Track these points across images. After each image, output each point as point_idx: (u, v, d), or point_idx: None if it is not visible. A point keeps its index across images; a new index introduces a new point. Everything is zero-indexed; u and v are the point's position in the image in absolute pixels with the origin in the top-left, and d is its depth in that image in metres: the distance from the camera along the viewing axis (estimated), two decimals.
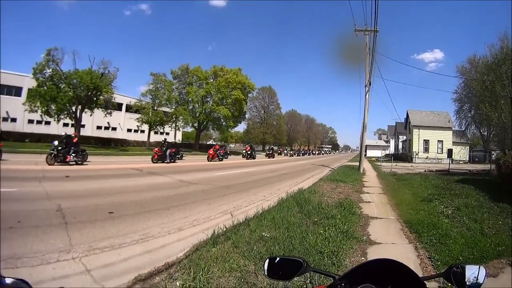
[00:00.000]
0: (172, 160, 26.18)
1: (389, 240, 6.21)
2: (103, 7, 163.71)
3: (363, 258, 5.11)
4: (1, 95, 47.83)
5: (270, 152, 51.06)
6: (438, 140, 50.98)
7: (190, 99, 54.98)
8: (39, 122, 47.48)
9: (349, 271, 1.44)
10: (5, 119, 44.99)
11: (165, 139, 29.41)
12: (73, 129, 40.89)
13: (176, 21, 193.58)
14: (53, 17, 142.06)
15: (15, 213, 6.92)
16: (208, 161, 30.30)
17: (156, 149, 26.04)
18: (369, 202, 10.70)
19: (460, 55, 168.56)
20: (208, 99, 56.67)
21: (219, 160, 31.71)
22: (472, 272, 1.42)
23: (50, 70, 37.41)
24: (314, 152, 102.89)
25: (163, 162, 25.08)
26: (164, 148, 25.91)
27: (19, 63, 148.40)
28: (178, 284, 3.88)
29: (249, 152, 40.44)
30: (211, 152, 31.62)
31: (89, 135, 47.15)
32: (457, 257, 5.02)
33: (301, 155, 78.74)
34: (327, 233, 5.85)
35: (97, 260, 4.75)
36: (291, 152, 73.33)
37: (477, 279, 1.41)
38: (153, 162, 24.44)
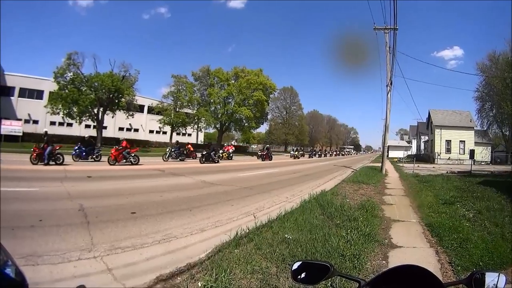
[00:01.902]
0: (58, 162, 18.67)
1: (410, 244, 6.10)
2: (121, 13, 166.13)
3: (384, 261, 5.03)
4: (24, 98, 49.26)
5: (265, 153, 39.47)
6: (460, 141, 49.73)
7: (211, 100, 55.33)
8: (61, 124, 48.48)
9: (375, 276, 1.41)
10: (27, 121, 46.10)
11: (46, 131, 22.80)
12: (94, 130, 41.70)
13: (196, 24, 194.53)
14: (71, 22, 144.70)
15: (37, 212, 7.08)
16: (110, 164, 20.47)
17: (35, 146, 18.58)
18: (391, 204, 10.54)
19: (480, 52, 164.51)
20: (229, 100, 56.85)
21: (131, 164, 21.24)
22: (492, 279, 1.40)
23: (71, 73, 38.19)
24: (332, 153, 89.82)
25: (47, 163, 17.91)
26: (43, 145, 18.39)
27: (39, 68, 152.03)
28: (199, 284, 3.87)
29: (204, 153, 28.34)
30: (113, 152, 21.12)
31: (111, 136, 47.87)
32: (477, 263, 4.90)
33: (315, 156, 63.58)
34: (349, 236, 5.78)
35: (118, 259, 4.80)
36: (296, 153, 52.07)
37: (496, 286, 1.40)
38: (33, 163, 17.69)
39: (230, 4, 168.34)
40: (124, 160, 21.22)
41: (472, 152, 30.34)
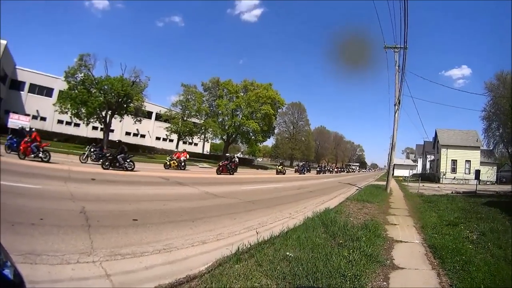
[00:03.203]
0: None
1: (412, 265, 6.00)
2: (136, 18, 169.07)
3: (385, 283, 4.95)
4: (33, 94, 50.18)
5: (225, 163, 30.59)
6: (466, 160, 49.61)
7: (220, 111, 55.97)
8: (68, 123, 49.09)
9: None
10: (34, 117, 46.53)
11: None
12: (101, 133, 41.97)
13: (209, 35, 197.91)
14: (87, 23, 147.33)
15: (38, 210, 7.11)
16: (20, 158, 17.91)
17: None
18: (394, 224, 10.42)
19: (488, 71, 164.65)
20: (237, 113, 57.48)
21: (41, 160, 18.12)
22: None
23: (82, 74, 38.60)
24: (333, 170, 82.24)
25: None
26: None
27: (51, 66, 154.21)
28: None
29: (108, 155, 21.31)
30: (22, 145, 18.27)
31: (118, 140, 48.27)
32: (479, 286, 4.82)
33: (308, 172, 56.28)
34: (351, 256, 5.71)
35: (117, 265, 4.76)
36: (281, 168, 43.03)
37: None
38: None
39: (244, 17, 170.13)
40: (33, 155, 18.32)
41: (477, 173, 30.13)
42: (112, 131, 47.31)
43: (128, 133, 61.20)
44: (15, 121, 31.10)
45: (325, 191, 22.44)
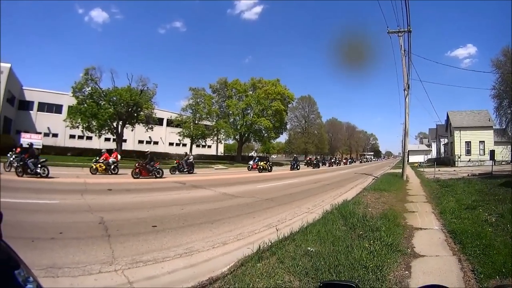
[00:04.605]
0: None
1: (433, 252, 5.97)
2: (136, 28, 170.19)
3: (407, 272, 4.92)
4: (43, 112, 50.74)
5: (143, 163, 21.76)
6: (480, 141, 48.76)
7: (230, 112, 56.10)
8: (80, 137, 49.40)
9: None
10: (46, 135, 47.04)
11: None
12: (114, 143, 42.23)
13: (211, 37, 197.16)
14: (89, 38, 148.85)
15: (57, 225, 7.20)
16: None
17: None
18: (413, 211, 10.36)
19: (494, 48, 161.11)
20: (248, 111, 57.44)
21: None
22: None
23: (89, 88, 38.86)
24: (339, 162, 70.95)
25: None
26: None
27: (58, 83, 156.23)
28: None
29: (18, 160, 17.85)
30: None
31: (131, 149, 48.41)
32: (500, 269, 4.74)
33: (297, 167, 41.22)
34: (372, 247, 5.69)
35: (139, 273, 4.80)
36: (264, 164, 35.35)
37: None
38: None
39: (245, 16, 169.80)
40: None
41: (492, 153, 29.64)
42: (125, 141, 47.59)
43: (141, 141, 61.46)
44: (27, 140, 31.52)
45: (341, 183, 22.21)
